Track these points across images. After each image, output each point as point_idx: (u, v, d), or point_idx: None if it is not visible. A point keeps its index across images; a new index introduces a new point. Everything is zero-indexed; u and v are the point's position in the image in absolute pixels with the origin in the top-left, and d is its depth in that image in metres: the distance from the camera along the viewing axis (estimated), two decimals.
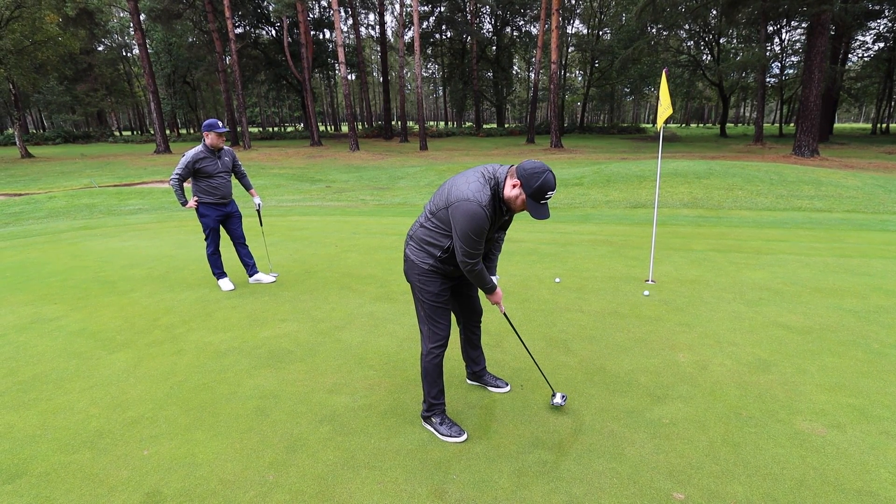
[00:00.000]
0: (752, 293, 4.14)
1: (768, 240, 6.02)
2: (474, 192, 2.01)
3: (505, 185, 2.06)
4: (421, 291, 2.30)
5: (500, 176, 2.07)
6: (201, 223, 4.62)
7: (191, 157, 4.37)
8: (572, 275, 4.81)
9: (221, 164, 4.52)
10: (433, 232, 2.20)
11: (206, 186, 4.48)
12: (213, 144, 4.41)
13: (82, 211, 10.34)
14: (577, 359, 3.10)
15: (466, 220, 2.01)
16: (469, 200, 2.00)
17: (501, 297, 2.39)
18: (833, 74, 25.81)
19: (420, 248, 2.26)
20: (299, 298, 4.39)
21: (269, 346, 3.44)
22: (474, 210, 1.99)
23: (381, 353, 3.27)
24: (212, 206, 4.56)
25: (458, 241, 2.06)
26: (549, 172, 1.98)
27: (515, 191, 2.03)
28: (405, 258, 2.34)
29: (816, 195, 9.28)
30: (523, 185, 2.00)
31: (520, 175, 2.00)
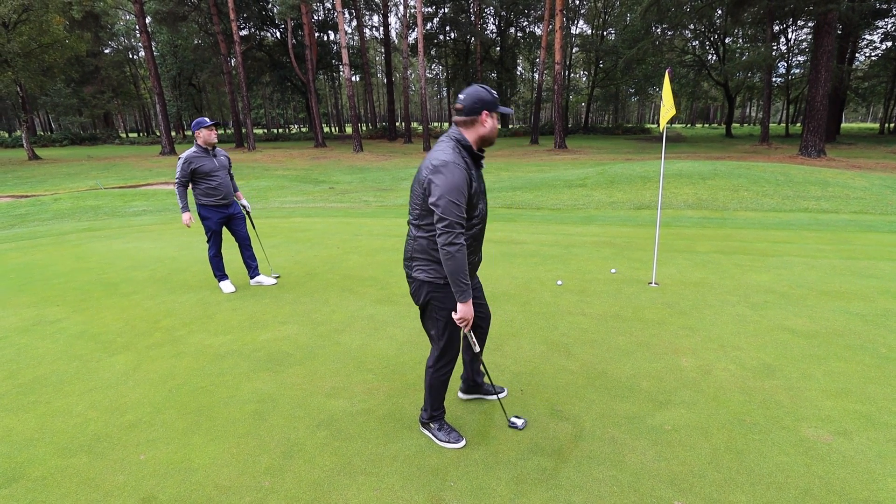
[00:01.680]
0: (757, 296, 4.08)
1: (774, 241, 5.96)
2: (446, 154, 1.92)
3: (473, 130, 1.98)
4: (440, 310, 2.09)
5: (456, 133, 1.99)
6: (203, 226, 4.61)
7: (185, 158, 4.34)
8: (574, 277, 4.77)
9: (218, 163, 4.49)
10: (432, 236, 2.03)
11: (205, 188, 4.46)
12: (205, 141, 4.37)
13: (87, 212, 10.40)
14: (578, 363, 3.06)
15: (443, 179, 1.87)
16: (442, 161, 1.89)
17: (472, 317, 2.04)
18: (840, 74, 25.57)
19: (428, 262, 2.05)
20: (300, 301, 4.37)
21: (269, 349, 3.43)
22: (450, 167, 1.87)
23: (381, 357, 3.25)
24: (213, 208, 4.55)
25: (437, 208, 1.88)
26: (479, 88, 1.96)
27: (490, 120, 1.97)
28: (413, 282, 2.13)
29: (823, 196, 9.18)
30: (490, 111, 1.96)
31: (482, 106, 1.94)
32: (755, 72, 33.70)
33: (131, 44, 47.89)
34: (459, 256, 1.89)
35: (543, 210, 8.92)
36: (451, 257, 1.90)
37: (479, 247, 2.17)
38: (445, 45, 46.53)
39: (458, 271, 1.92)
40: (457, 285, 1.95)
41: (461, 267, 1.91)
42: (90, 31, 35.16)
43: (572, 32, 47.62)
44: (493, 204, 9.73)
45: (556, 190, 10.75)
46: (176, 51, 42.07)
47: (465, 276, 1.94)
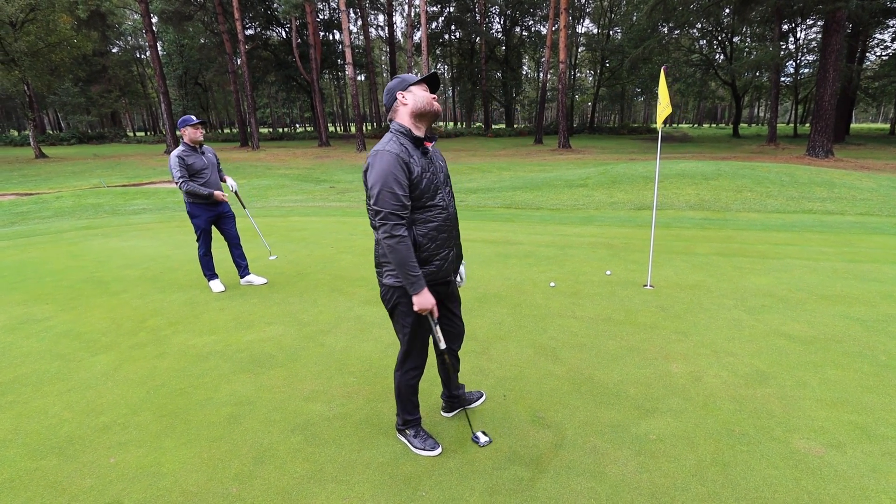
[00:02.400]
0: (755, 300, 3.97)
1: (775, 243, 5.83)
2: (380, 145, 1.91)
3: (402, 116, 1.96)
4: (405, 315, 2.04)
5: (392, 125, 1.98)
6: (193, 224, 4.56)
7: (178, 156, 4.28)
8: (568, 279, 4.68)
9: (206, 161, 4.44)
10: None
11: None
12: (192, 139, 4.32)
13: (88, 210, 10.43)
14: (564, 368, 2.97)
15: (373, 170, 1.84)
16: (373, 152, 1.88)
17: (433, 304, 1.95)
18: (849, 73, 25.22)
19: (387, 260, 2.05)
20: (288, 301, 4.32)
21: (252, 350, 3.37)
22: (379, 155, 1.85)
23: (364, 359, 3.18)
24: (202, 206, 4.50)
25: (371, 199, 1.86)
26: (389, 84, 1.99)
27: (408, 97, 1.94)
28: (382, 287, 2.08)
29: (829, 197, 9.01)
30: (401, 89, 1.95)
31: (395, 93, 1.96)
32: (763, 71, 33.33)
33: (138, 43, 48.24)
34: (401, 248, 1.85)
35: (543, 210, 8.82)
36: (392, 250, 1.86)
37: (448, 241, 2.05)
38: (451, 44, 46.45)
39: (403, 263, 1.87)
40: (406, 277, 1.90)
41: (405, 258, 1.87)
42: (97, 30, 35.41)
43: (578, 31, 47.36)
44: (492, 204, 9.65)
45: (556, 190, 10.65)
46: (182, 50, 42.33)
47: (413, 266, 1.88)
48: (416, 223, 1.96)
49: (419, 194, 1.92)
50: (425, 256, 1.99)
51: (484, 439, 2.28)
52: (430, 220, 1.97)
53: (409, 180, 1.88)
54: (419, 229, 1.96)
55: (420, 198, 1.93)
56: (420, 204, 1.94)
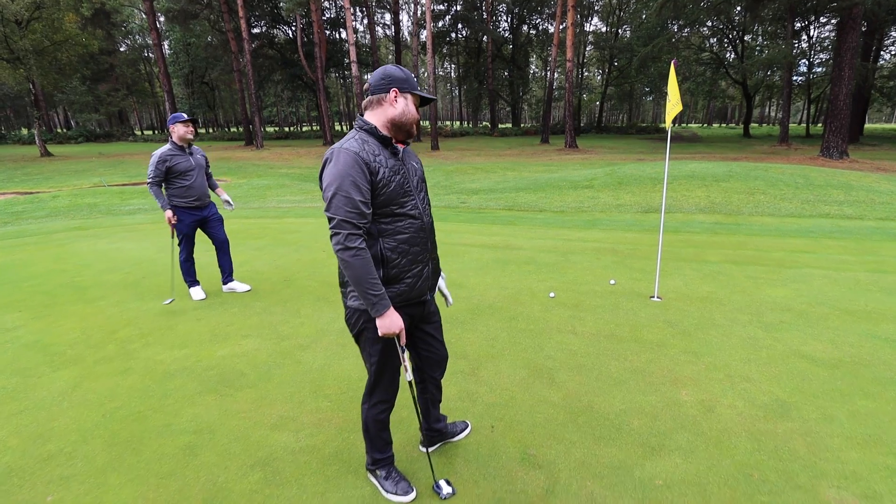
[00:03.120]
0: (772, 315, 3.66)
1: (792, 251, 5.49)
2: (340, 143, 1.65)
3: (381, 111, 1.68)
4: (373, 342, 1.78)
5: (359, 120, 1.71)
6: (174, 228, 4.31)
7: (160, 157, 4.06)
8: (569, 289, 4.38)
9: (194, 161, 4.20)
10: None
11: (179, 188, 4.17)
12: (181, 138, 4.10)
13: (82, 210, 10.27)
14: (561, 393, 2.69)
15: (328, 171, 1.58)
16: (331, 151, 1.62)
17: (400, 329, 1.68)
18: (864, 72, 24.58)
19: None
20: (270, 311, 4.06)
21: (222, 368, 3.12)
22: (336, 154, 1.59)
23: (342, 380, 2.91)
24: (186, 209, 4.25)
25: (325, 204, 1.59)
26: (389, 66, 1.71)
27: (401, 101, 1.67)
28: (346, 310, 1.82)
29: (846, 200, 8.61)
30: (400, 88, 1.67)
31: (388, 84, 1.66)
32: (775, 70, 32.68)
33: (146, 42, 48.39)
34: (357, 263, 1.58)
35: (546, 213, 8.51)
36: (346, 265, 1.59)
37: (421, 255, 1.79)
38: (457, 42, 46.12)
39: (361, 281, 1.59)
40: (365, 297, 1.62)
41: (362, 275, 1.59)
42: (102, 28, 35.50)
43: (586, 30, 46.85)
44: (494, 206, 9.35)
45: (560, 191, 10.33)
46: (189, 49, 42.37)
47: (373, 284, 1.61)
48: (384, 234, 1.70)
49: (386, 200, 1.67)
50: (394, 273, 1.73)
51: (446, 490, 1.96)
52: (399, 231, 1.72)
53: (373, 184, 1.63)
54: (387, 241, 1.70)
55: (387, 204, 1.67)
56: (388, 212, 1.68)
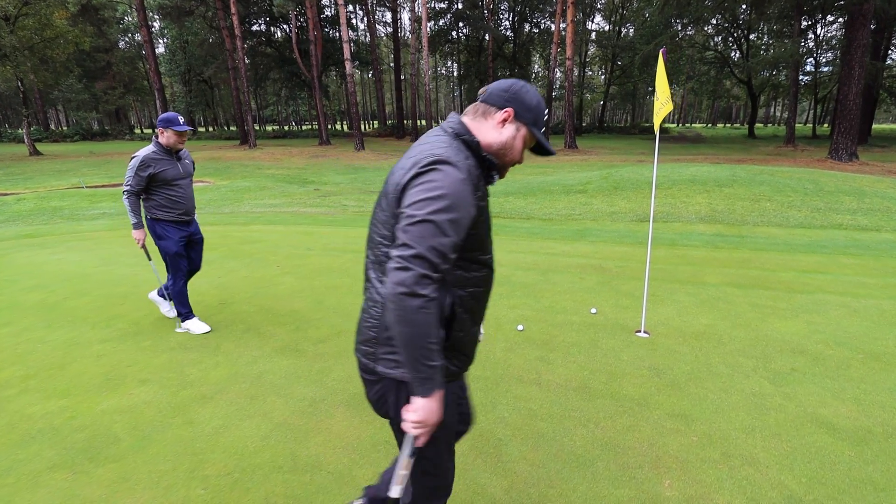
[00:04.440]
0: (781, 360, 3.01)
1: (803, 270, 4.83)
2: (442, 148, 1.14)
3: (483, 129, 1.24)
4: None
5: (457, 124, 1.23)
6: (159, 247, 3.52)
7: (142, 160, 3.31)
8: (542, 319, 3.75)
9: (182, 168, 3.52)
10: None
11: (163, 199, 3.44)
12: (169, 144, 3.40)
13: (44, 215, 9.71)
14: (506, 482, 2.05)
15: (435, 185, 1.07)
16: (438, 157, 1.10)
17: (434, 421, 1.12)
18: (874, 71, 23.79)
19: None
20: (185, 346, 3.45)
21: (95, 429, 2.50)
22: (451, 172, 1.09)
23: (234, 451, 2.29)
24: (173, 224, 3.51)
25: (409, 227, 1.05)
26: (527, 84, 1.25)
27: (509, 128, 1.23)
28: (373, 380, 1.25)
29: (859, 209, 7.94)
30: (518, 113, 1.22)
31: (508, 100, 1.22)
32: (781, 69, 31.89)
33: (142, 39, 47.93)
34: (420, 319, 1.02)
35: (533, 220, 7.88)
36: (403, 317, 1.03)
37: (482, 313, 1.33)
38: (458, 41, 45.45)
39: (419, 343, 1.04)
40: (415, 367, 1.07)
41: (424, 335, 1.04)
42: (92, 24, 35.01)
43: (589, 28, 46.11)
44: None
45: (552, 196, 9.68)
46: (185, 46, 41.85)
47: (432, 350, 1.06)
48: (459, 284, 1.22)
49: (474, 243, 1.20)
50: (460, 338, 1.25)
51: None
52: (474, 283, 1.26)
53: (476, 222, 1.17)
54: (461, 292, 1.22)
55: (474, 248, 1.22)
56: (472, 257, 1.23)
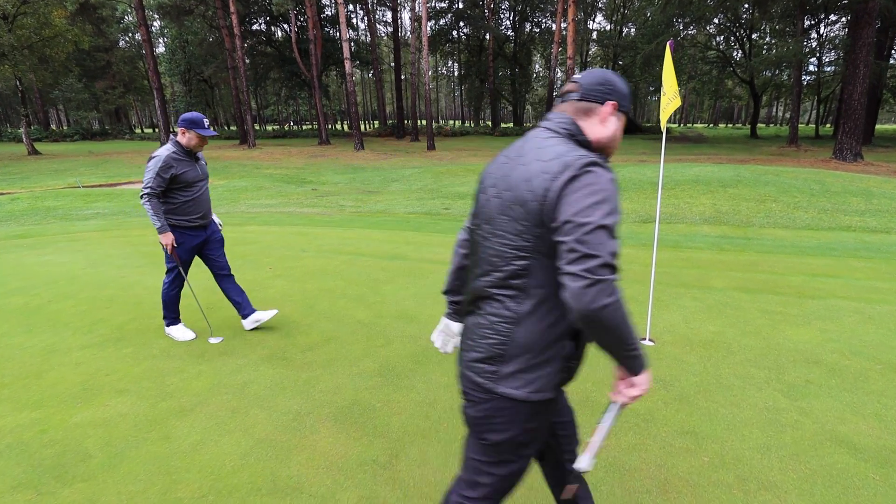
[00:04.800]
0: (795, 371, 2.85)
1: (813, 274, 4.66)
2: (575, 153, 1.09)
3: (589, 127, 1.20)
4: (521, 446, 1.22)
5: (567, 123, 1.19)
6: (166, 253, 3.30)
7: (165, 161, 3.09)
8: None
9: (200, 171, 3.32)
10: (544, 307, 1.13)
11: (182, 203, 3.22)
12: (190, 146, 3.19)
13: (37, 215, 9.56)
14: None
15: (596, 189, 1.04)
16: (588, 160, 1.07)
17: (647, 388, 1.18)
18: (878, 70, 23.59)
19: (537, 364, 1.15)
20: (169, 353, 3.29)
21: (66, 444, 2.35)
22: (603, 174, 1.06)
23: (208, 473, 2.13)
24: (188, 230, 3.30)
25: (585, 237, 1.00)
26: (613, 72, 1.24)
27: (613, 121, 1.22)
28: (486, 399, 1.19)
29: (867, 210, 7.76)
30: (619, 104, 1.22)
31: (607, 93, 1.20)
32: (784, 68, 31.67)
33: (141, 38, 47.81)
34: (621, 320, 1.03)
35: None
36: (608, 323, 1.01)
37: None
38: (458, 40, 45.28)
39: (628, 336, 1.05)
40: (629, 356, 1.09)
41: (628, 329, 1.05)
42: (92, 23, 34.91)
43: (590, 28, 45.94)
44: None
45: None
46: (185, 46, 41.73)
47: (634, 334, 1.07)
48: None
49: None
50: (583, 346, 1.25)
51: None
52: None
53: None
54: None
55: None
56: None
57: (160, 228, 3.17)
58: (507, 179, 1.14)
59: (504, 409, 1.17)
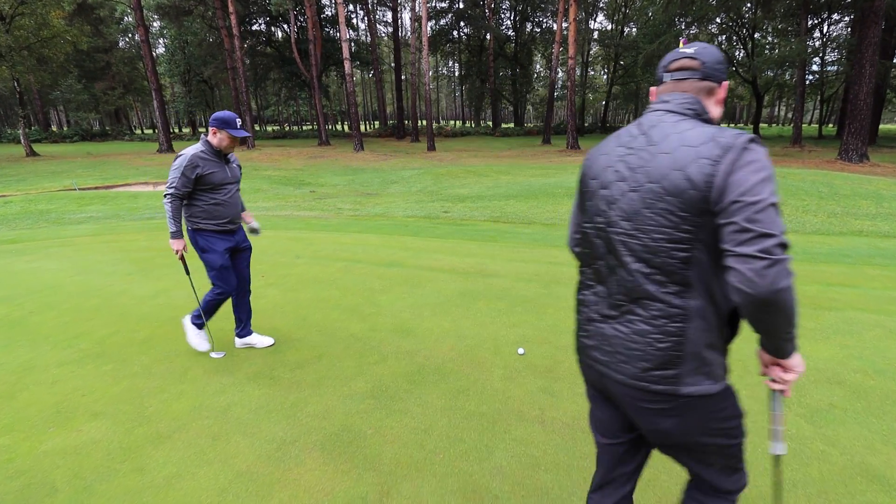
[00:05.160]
0: (818, 393, 2.66)
1: (827, 283, 4.47)
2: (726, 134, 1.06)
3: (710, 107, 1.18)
4: (726, 419, 1.18)
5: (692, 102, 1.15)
6: (204, 261, 3.09)
7: (191, 160, 2.89)
8: (545, 340, 3.40)
9: (230, 173, 3.10)
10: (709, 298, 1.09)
11: (209, 206, 3.02)
12: (220, 146, 2.98)
13: (29, 219, 9.41)
14: None
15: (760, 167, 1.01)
16: (746, 139, 1.04)
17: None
18: (883, 70, 23.35)
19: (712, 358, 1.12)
20: (150, 370, 3.11)
21: (32, 476, 2.17)
22: (761, 151, 1.04)
23: None
24: (218, 234, 3.09)
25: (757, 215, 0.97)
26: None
27: (722, 103, 1.23)
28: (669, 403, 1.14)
29: (878, 213, 7.56)
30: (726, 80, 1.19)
31: (724, 72, 1.17)
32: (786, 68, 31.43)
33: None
34: (793, 300, 0.99)
35: (535, 225, 7.53)
36: (787, 306, 0.98)
37: None
38: (459, 40, 45.10)
39: (793, 319, 1.02)
40: (788, 338, 1.06)
41: (795, 310, 1.01)
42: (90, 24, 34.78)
43: (591, 27, 45.71)
44: (478, 216, 8.39)
45: (555, 199, 9.33)
46: (185, 47, 41.60)
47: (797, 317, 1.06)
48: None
49: None
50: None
51: None
52: None
53: None
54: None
55: None
56: None
57: (174, 233, 2.97)
58: (647, 171, 1.08)
59: (695, 408, 1.13)
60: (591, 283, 1.24)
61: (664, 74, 1.21)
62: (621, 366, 1.17)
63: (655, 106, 1.17)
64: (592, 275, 1.23)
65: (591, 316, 1.23)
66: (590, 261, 1.24)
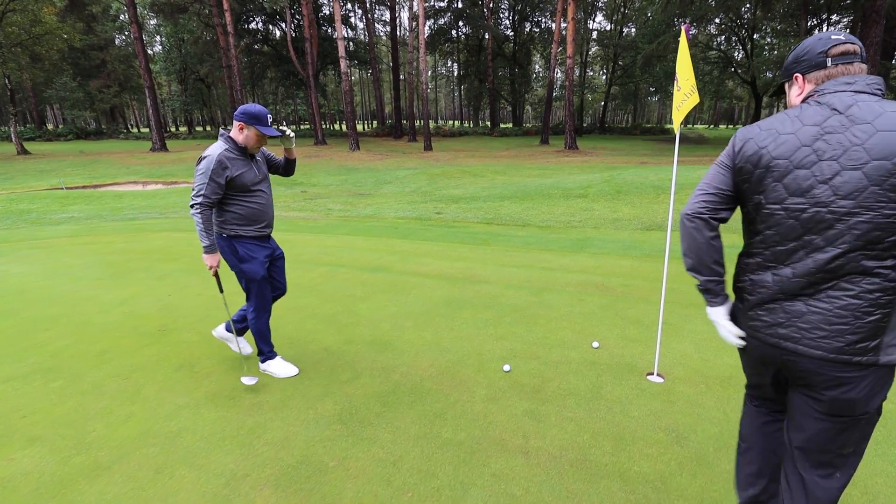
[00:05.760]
0: None
1: None
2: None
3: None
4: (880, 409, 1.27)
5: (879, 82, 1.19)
6: (243, 272, 2.74)
7: (218, 160, 2.52)
8: (534, 355, 3.14)
9: (258, 171, 2.74)
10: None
11: (242, 210, 2.67)
12: (246, 144, 2.61)
13: (9, 219, 9.12)
14: None
15: None
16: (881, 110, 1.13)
17: None
18: (884, 71, 23.19)
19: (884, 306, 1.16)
20: (100, 388, 2.85)
21: None
22: None
23: None
24: (256, 241, 2.76)
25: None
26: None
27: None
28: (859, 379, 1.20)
29: None
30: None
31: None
32: None
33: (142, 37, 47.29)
34: None
35: (529, 228, 7.27)
36: None
37: None
38: (457, 40, 44.86)
39: None
40: None
41: None
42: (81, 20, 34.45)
43: (590, 27, 45.54)
44: (471, 218, 8.13)
45: (550, 201, 9.08)
46: (181, 44, 41.28)
47: None
48: None
49: None
50: None
51: None
52: None
53: None
54: None
55: None
56: None
57: (207, 248, 2.60)
58: (867, 148, 1.10)
59: (884, 376, 1.21)
60: (772, 263, 1.26)
61: (826, 59, 1.22)
62: (820, 341, 1.20)
63: (834, 87, 1.18)
64: (773, 256, 1.26)
65: (774, 296, 1.26)
66: (774, 243, 1.25)
